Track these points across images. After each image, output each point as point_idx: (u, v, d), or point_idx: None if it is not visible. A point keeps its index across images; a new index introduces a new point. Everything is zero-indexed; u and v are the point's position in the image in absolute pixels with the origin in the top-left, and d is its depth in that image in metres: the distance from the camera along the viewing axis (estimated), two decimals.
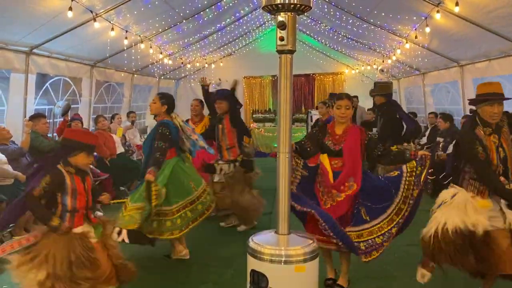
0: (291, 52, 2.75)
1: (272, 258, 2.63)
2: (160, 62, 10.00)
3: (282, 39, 2.69)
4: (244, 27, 10.74)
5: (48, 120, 6.02)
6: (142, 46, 8.05)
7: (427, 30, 6.61)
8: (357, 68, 12.62)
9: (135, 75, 9.98)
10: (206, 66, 12.79)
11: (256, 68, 12.60)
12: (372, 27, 8.28)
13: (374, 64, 11.32)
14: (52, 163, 2.87)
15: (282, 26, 2.68)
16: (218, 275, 3.94)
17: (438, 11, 5.94)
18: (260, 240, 2.78)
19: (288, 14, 2.69)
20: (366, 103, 10.07)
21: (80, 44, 6.83)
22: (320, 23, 9.96)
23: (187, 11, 7.68)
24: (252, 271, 2.70)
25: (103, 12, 6.09)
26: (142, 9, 6.61)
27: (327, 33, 10.43)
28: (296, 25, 2.77)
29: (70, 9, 5.25)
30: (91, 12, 5.88)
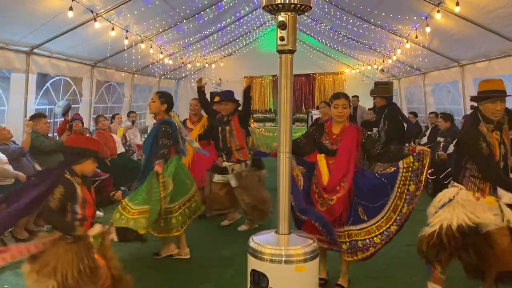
0: (292, 52, 2.74)
1: (273, 258, 2.63)
2: (160, 62, 10.01)
3: (282, 39, 2.69)
4: (245, 27, 10.74)
5: (48, 120, 6.03)
6: (143, 46, 8.06)
7: (428, 30, 6.61)
8: (357, 68, 12.62)
9: (135, 75, 9.99)
10: (207, 66, 12.80)
11: (256, 68, 12.61)
12: (372, 27, 8.28)
13: (375, 64, 11.32)
14: (59, 172, 2.80)
15: (282, 26, 2.67)
16: (219, 275, 3.94)
17: (438, 11, 5.94)
18: (261, 240, 2.78)
19: (289, 14, 2.68)
20: (367, 103, 10.09)
21: (81, 44, 6.83)
22: (321, 23, 9.96)
23: (188, 11, 7.69)
24: (253, 271, 2.70)
25: (103, 12, 6.10)
26: (143, 9, 6.62)
27: (327, 33, 10.43)
28: (297, 25, 2.76)
29: (71, 9, 5.25)
30: (92, 12, 5.89)
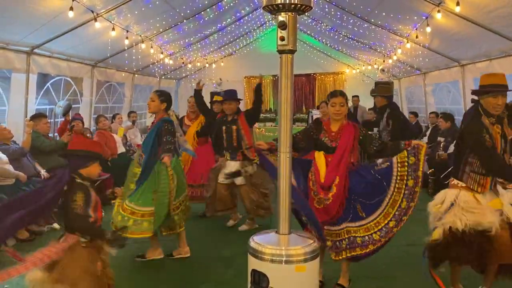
0: (292, 52, 2.74)
1: (273, 258, 2.63)
2: (161, 62, 10.02)
3: (282, 39, 2.69)
4: (245, 27, 10.75)
5: (49, 120, 6.04)
6: (143, 46, 8.06)
7: (428, 29, 6.61)
8: (358, 68, 12.62)
9: (136, 75, 10.00)
10: (207, 66, 12.81)
11: (256, 68, 12.51)
12: (373, 26, 8.28)
13: (375, 63, 11.32)
14: (70, 178, 2.76)
15: (282, 26, 2.67)
16: (219, 275, 3.94)
17: (439, 11, 5.94)
18: (261, 240, 2.78)
19: (289, 14, 2.68)
20: (367, 103, 10.09)
21: (81, 44, 6.83)
22: (321, 23, 9.96)
23: (188, 11, 7.69)
24: (253, 271, 2.70)
25: (104, 12, 6.10)
26: (143, 9, 6.62)
27: (328, 33, 10.43)
28: (297, 25, 2.77)
29: (71, 9, 5.26)
30: (92, 12, 5.89)
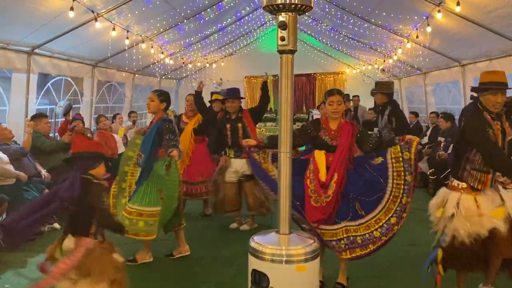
0: (292, 52, 2.75)
1: (273, 258, 2.63)
2: (161, 62, 10.02)
3: (283, 39, 2.69)
4: (245, 27, 10.74)
5: (49, 120, 6.04)
6: (144, 46, 8.07)
7: (428, 29, 6.60)
8: (358, 68, 12.61)
9: (136, 75, 10.00)
10: (207, 66, 12.80)
11: (257, 68, 12.56)
12: (373, 26, 8.28)
13: (375, 63, 11.31)
14: (85, 180, 2.73)
15: (283, 26, 2.68)
16: (220, 275, 3.94)
17: (439, 11, 5.94)
18: (261, 239, 2.79)
19: (289, 14, 2.69)
20: (367, 102, 10.08)
21: (82, 44, 6.84)
22: (321, 23, 9.95)
23: (188, 11, 7.69)
24: (254, 271, 2.70)
25: (104, 12, 6.10)
26: (143, 9, 6.62)
27: (328, 32, 10.42)
28: (297, 25, 2.77)
29: (72, 9, 5.26)
30: (92, 12, 5.89)
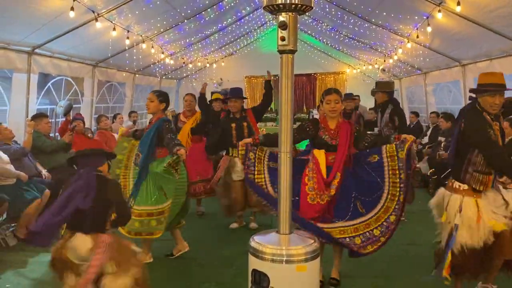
0: (292, 52, 2.75)
1: (274, 258, 2.63)
2: (161, 62, 10.02)
3: (283, 39, 2.69)
4: (246, 27, 10.74)
5: (50, 120, 6.04)
6: (144, 46, 8.07)
7: (429, 29, 6.60)
8: (358, 68, 12.59)
9: (136, 75, 10.00)
10: (208, 66, 12.79)
11: (257, 67, 12.55)
12: (373, 26, 8.27)
13: (376, 63, 11.30)
14: (101, 177, 2.81)
15: (283, 26, 2.68)
16: (220, 275, 3.95)
17: (439, 11, 5.93)
18: (262, 239, 2.78)
19: (289, 14, 2.69)
20: (368, 102, 10.08)
21: (82, 44, 6.84)
22: (322, 23, 9.95)
23: (189, 11, 7.69)
24: (254, 271, 2.70)
25: (104, 12, 6.10)
26: (144, 9, 6.62)
27: (328, 32, 10.42)
28: (298, 24, 2.77)
29: (72, 9, 5.26)
30: (93, 12, 5.89)
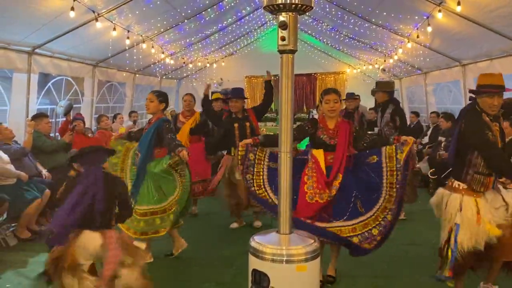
0: (293, 52, 2.74)
1: (274, 258, 2.63)
2: (162, 62, 10.02)
3: (283, 39, 2.69)
4: (246, 27, 10.74)
5: (50, 120, 6.05)
6: (144, 46, 8.07)
7: (429, 29, 6.60)
8: (359, 68, 12.58)
9: (137, 75, 10.00)
10: (208, 65, 12.79)
11: (257, 67, 12.53)
12: (373, 26, 8.27)
13: (376, 63, 11.30)
14: (107, 174, 2.88)
15: (283, 26, 2.68)
16: (220, 275, 3.95)
17: (440, 11, 5.93)
18: (262, 239, 2.78)
19: (290, 14, 2.68)
20: (368, 102, 10.06)
21: (82, 44, 6.84)
22: (322, 23, 9.94)
23: (189, 11, 7.69)
24: (254, 271, 2.70)
25: (105, 12, 6.10)
26: (144, 9, 6.62)
27: (328, 32, 10.41)
28: (298, 24, 2.77)
29: (72, 9, 5.26)
30: (93, 12, 5.90)
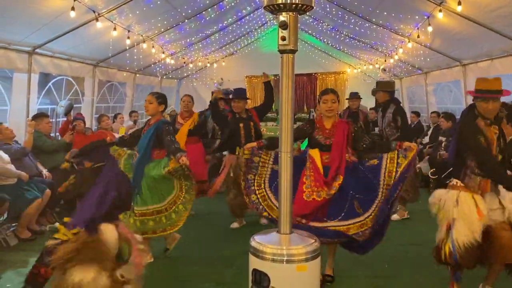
0: (293, 51, 2.75)
1: (274, 258, 2.63)
2: (162, 62, 10.02)
3: (284, 38, 2.69)
4: (246, 27, 10.73)
5: (51, 120, 6.06)
6: (145, 45, 8.07)
7: (430, 29, 6.60)
8: (359, 68, 12.58)
9: (137, 75, 10.00)
10: (208, 65, 12.79)
11: (258, 67, 12.48)
12: (374, 26, 8.27)
13: (377, 63, 11.30)
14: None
15: (284, 26, 2.68)
16: (220, 275, 3.95)
17: (440, 10, 5.93)
18: (262, 239, 2.79)
19: (290, 13, 2.69)
20: (368, 102, 10.06)
21: (83, 43, 6.84)
22: (322, 23, 9.94)
23: (189, 11, 7.69)
24: (254, 270, 2.70)
25: (105, 12, 6.11)
26: (144, 8, 6.62)
27: (329, 32, 10.41)
28: (298, 24, 2.77)
29: (73, 9, 5.26)
30: (94, 12, 5.90)
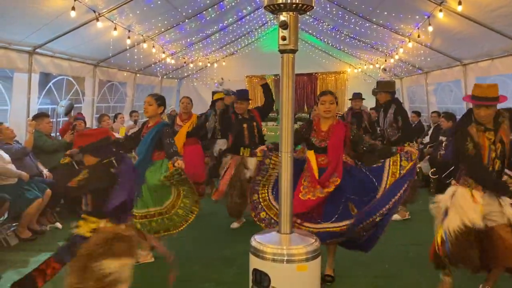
0: (293, 51, 2.75)
1: (274, 257, 2.64)
2: (162, 62, 10.02)
3: (284, 38, 2.70)
4: (247, 27, 10.74)
5: (51, 120, 6.06)
6: (145, 45, 8.07)
7: (430, 29, 6.60)
8: (359, 67, 12.58)
9: (137, 75, 10.00)
10: (209, 65, 12.80)
11: (258, 67, 12.57)
12: (374, 26, 8.27)
13: (377, 63, 11.30)
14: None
15: (284, 25, 2.68)
16: (221, 275, 3.95)
17: (441, 10, 5.93)
18: (263, 239, 2.79)
19: (290, 13, 2.69)
20: (369, 102, 10.05)
21: (83, 43, 6.84)
22: (323, 22, 9.94)
23: (190, 11, 7.69)
24: (255, 270, 2.71)
25: (106, 11, 6.11)
26: (145, 8, 6.62)
27: (329, 32, 10.41)
28: (298, 24, 2.77)
29: (73, 8, 5.26)
30: (94, 11, 5.90)
